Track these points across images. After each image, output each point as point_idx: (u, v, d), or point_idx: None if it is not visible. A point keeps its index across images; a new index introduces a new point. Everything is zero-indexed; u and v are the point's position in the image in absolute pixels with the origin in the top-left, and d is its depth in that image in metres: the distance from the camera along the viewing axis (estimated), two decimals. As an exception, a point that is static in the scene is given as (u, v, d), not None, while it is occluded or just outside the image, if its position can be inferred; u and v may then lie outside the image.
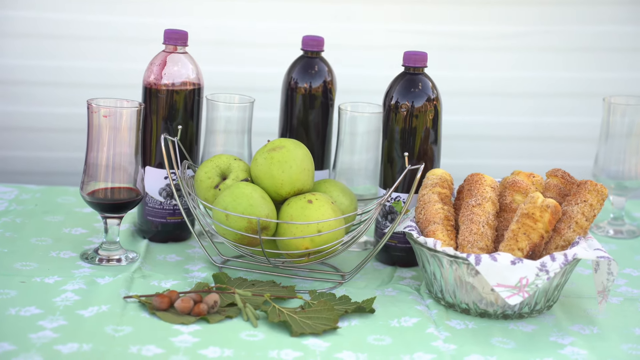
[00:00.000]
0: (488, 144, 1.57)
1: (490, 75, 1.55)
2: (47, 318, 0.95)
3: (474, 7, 1.52)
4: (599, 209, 1.11)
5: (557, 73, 1.56)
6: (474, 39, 1.53)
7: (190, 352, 0.91)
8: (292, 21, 1.48)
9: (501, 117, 1.57)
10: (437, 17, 1.53)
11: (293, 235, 1.07)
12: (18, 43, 1.50)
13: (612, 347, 1.00)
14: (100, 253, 1.14)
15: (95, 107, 1.10)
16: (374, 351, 0.95)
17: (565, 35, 1.55)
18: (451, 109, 1.50)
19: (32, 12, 1.49)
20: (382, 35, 1.50)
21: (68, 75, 1.50)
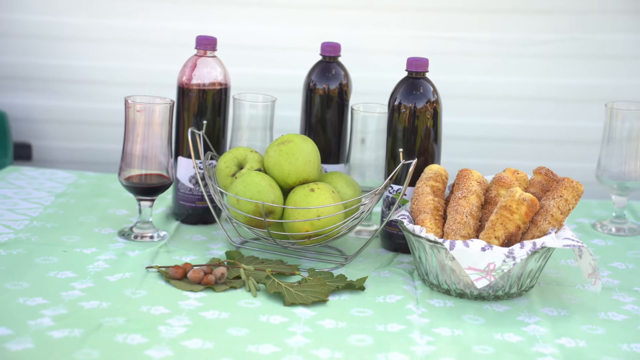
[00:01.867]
0: (496, 145, 1.67)
1: (499, 80, 1.65)
2: (78, 281, 1.13)
3: (480, 15, 1.63)
4: (574, 204, 1.21)
5: (562, 80, 1.65)
6: (482, 44, 1.64)
7: (192, 313, 1.07)
8: (312, 28, 1.63)
9: (508, 120, 1.67)
10: (445, 25, 1.65)
11: (295, 219, 1.22)
12: (80, 46, 1.70)
13: (572, 327, 1.10)
14: (135, 231, 1.31)
15: (131, 103, 1.27)
16: (353, 321, 1.08)
17: (568, 43, 1.64)
18: (463, 111, 1.62)
19: (94, 19, 1.69)
20: (395, 41, 1.63)
21: (117, 76, 1.70)
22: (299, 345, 1.00)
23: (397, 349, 1.01)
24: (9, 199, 1.43)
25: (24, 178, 1.55)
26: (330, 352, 0.98)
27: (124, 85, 1.68)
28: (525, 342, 1.05)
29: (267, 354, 0.97)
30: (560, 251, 1.33)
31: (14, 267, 1.16)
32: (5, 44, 1.74)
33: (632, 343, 1.05)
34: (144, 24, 1.69)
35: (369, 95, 1.47)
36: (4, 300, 1.05)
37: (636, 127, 1.43)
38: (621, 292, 1.22)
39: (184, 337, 0.99)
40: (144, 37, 1.70)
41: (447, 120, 1.66)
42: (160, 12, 1.67)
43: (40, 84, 1.77)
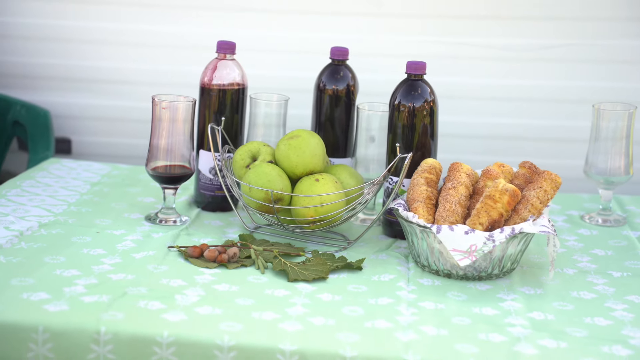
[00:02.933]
0: (493, 143, 1.80)
1: (497, 82, 1.77)
2: (107, 257, 1.28)
3: (477, 21, 1.76)
4: (553, 195, 1.33)
5: (556, 82, 1.77)
6: (482, 49, 1.77)
7: (205, 286, 1.21)
8: (323, 33, 1.77)
9: (505, 120, 1.79)
10: (447, 30, 1.78)
11: (301, 205, 1.36)
12: (115, 49, 1.86)
13: (544, 303, 1.22)
14: (159, 215, 1.46)
15: (157, 101, 1.42)
16: (348, 295, 1.22)
17: (560, 49, 1.76)
18: (466, 111, 1.74)
19: (128, 24, 1.85)
20: (400, 45, 1.76)
21: (146, 76, 1.85)
22: (297, 314, 1.14)
23: (383, 318, 1.14)
24: (50, 186, 1.60)
25: (63, 169, 1.71)
26: (324, 320, 1.12)
27: (152, 85, 1.83)
28: (500, 315, 1.18)
29: (269, 320, 1.11)
30: (544, 238, 1.45)
31: (53, 244, 1.32)
32: (49, 48, 1.91)
33: (595, 317, 1.17)
34: (171, 29, 1.84)
35: (374, 96, 1.60)
36: (44, 271, 1.21)
37: (620, 126, 1.55)
38: (596, 274, 1.34)
39: (196, 305, 1.14)
40: (171, 41, 1.85)
41: (452, 119, 1.79)
42: (185, 18, 1.83)
43: (80, 85, 1.93)
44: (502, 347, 1.08)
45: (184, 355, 1.05)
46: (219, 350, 1.05)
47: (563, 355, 1.06)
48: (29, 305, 1.10)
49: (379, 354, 1.04)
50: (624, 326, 1.15)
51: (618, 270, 1.36)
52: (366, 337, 1.08)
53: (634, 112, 1.54)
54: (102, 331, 1.05)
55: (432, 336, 1.09)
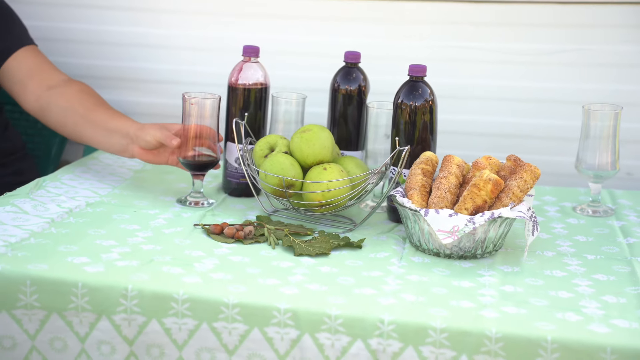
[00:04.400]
0: (491, 140, 1.95)
1: (502, 84, 1.93)
2: (141, 231, 1.49)
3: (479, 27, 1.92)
4: (532, 184, 1.48)
5: (552, 84, 1.92)
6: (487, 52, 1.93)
7: (221, 257, 1.40)
8: (338, 37, 1.95)
9: (503, 118, 1.95)
10: (454, 35, 1.94)
11: (310, 190, 1.54)
12: (157, 52, 2.08)
13: (517, 279, 1.38)
14: (189, 199, 1.66)
15: (187, 97, 1.62)
16: (344, 268, 1.40)
17: (560, 54, 1.91)
18: (474, 110, 1.91)
19: (169, 30, 2.06)
20: (409, 49, 1.93)
21: (181, 76, 2.06)
22: (296, 281, 1.32)
23: (370, 286, 1.32)
24: (99, 173, 1.81)
25: (112, 158, 1.93)
26: (318, 286, 1.31)
27: (189, 85, 2.02)
28: (475, 287, 1.34)
29: (270, 284, 1.30)
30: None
31: (96, 220, 1.53)
32: (98, 51, 2.13)
33: (560, 291, 1.33)
34: (202, 33, 2.04)
35: (385, 95, 1.77)
36: (86, 241, 1.42)
37: (607, 125, 1.69)
38: (572, 257, 1.49)
39: (211, 271, 1.34)
40: (203, 44, 2.05)
41: (463, 118, 1.96)
42: (215, 23, 2.03)
43: (128, 84, 2.15)
44: (469, 312, 1.24)
45: (196, 311, 1.24)
46: (225, 306, 1.24)
47: (520, 319, 1.22)
48: (72, 266, 1.31)
49: (360, 314, 1.22)
50: (583, 298, 1.30)
51: (593, 253, 1.50)
52: (351, 301, 1.26)
53: (620, 113, 1.69)
54: (130, 288, 1.26)
55: (409, 302, 1.27)
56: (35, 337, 1.28)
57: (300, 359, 1.23)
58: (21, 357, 1.29)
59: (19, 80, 1.85)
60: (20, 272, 1.28)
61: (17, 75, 1.85)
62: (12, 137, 1.96)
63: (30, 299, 1.27)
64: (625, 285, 1.36)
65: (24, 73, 1.85)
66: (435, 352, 1.20)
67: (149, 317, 1.25)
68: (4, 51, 1.86)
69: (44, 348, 1.28)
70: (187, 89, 1.89)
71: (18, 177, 1.90)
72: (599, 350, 1.16)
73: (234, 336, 1.24)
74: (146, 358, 1.26)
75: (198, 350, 1.25)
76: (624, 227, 1.64)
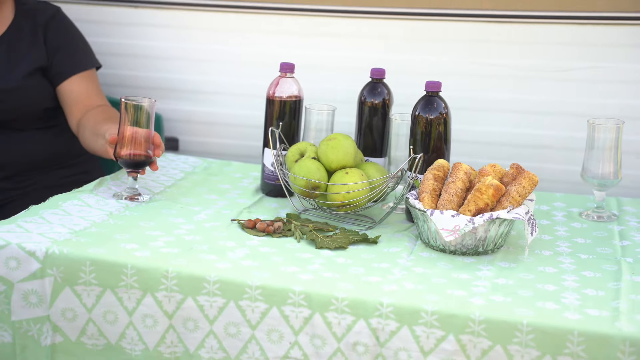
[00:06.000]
0: (503, 149, 2.12)
1: (509, 96, 2.11)
2: (185, 225, 1.71)
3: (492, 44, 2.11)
4: (530, 190, 1.65)
5: (560, 98, 2.10)
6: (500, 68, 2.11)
7: (252, 247, 1.61)
8: (367, 53, 2.16)
9: (515, 129, 2.12)
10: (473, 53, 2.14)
11: (333, 191, 1.74)
12: (208, 66, 2.32)
13: (511, 273, 1.55)
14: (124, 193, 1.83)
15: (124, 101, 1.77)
16: (358, 260, 1.59)
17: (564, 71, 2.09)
18: (483, 121, 2.10)
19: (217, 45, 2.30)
20: (430, 65, 2.12)
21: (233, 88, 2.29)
22: (313, 269, 1.52)
23: (378, 275, 1.51)
24: (153, 173, 2.04)
25: (166, 161, 2.16)
26: (332, 274, 1.50)
27: (236, 96, 2.26)
28: (471, 279, 1.52)
29: (291, 271, 1.51)
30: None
31: (147, 214, 1.76)
32: (160, 65, 2.38)
33: (547, 284, 1.49)
34: (245, 49, 2.28)
35: (407, 107, 1.96)
36: (138, 231, 1.65)
37: (610, 138, 1.84)
38: (567, 256, 1.65)
39: (241, 259, 1.55)
40: (247, 59, 2.29)
41: (480, 129, 2.14)
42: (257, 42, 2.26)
43: (185, 94, 2.39)
44: (460, 299, 1.42)
45: (225, 291, 1.46)
46: (249, 288, 1.45)
47: (503, 306, 1.40)
48: (124, 251, 1.54)
49: (363, 297, 1.42)
50: (566, 291, 1.47)
51: (587, 253, 1.66)
52: (358, 286, 1.45)
53: (622, 126, 1.84)
54: (170, 270, 1.48)
55: (409, 289, 1.46)
56: (92, 310, 1.51)
57: (312, 334, 1.43)
58: (80, 327, 1.53)
59: (67, 103, 2.12)
60: (81, 255, 1.52)
61: (67, 99, 2.13)
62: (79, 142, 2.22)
63: (89, 277, 1.51)
64: (608, 281, 1.52)
65: (72, 98, 2.12)
66: (427, 332, 1.38)
67: (186, 295, 1.47)
68: (60, 75, 2.13)
69: (98, 320, 1.52)
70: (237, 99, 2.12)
71: (85, 176, 2.16)
72: (568, 333, 1.33)
73: (256, 313, 1.45)
74: (183, 330, 1.48)
75: (226, 324, 1.46)
76: (623, 231, 1.79)
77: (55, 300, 1.51)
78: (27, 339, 1.53)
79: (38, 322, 1.52)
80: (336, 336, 1.42)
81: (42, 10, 2.15)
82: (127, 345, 1.51)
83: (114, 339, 1.51)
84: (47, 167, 2.13)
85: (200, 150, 2.43)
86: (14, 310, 1.52)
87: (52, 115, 2.15)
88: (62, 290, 1.51)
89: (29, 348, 1.53)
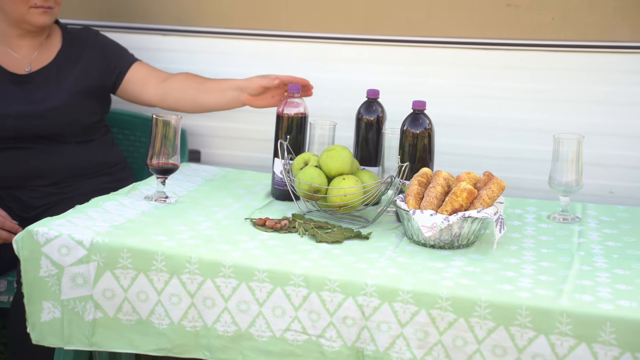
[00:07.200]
0: (481, 160, 2.41)
1: (488, 114, 2.42)
2: (205, 222, 2.01)
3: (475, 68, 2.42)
4: (498, 194, 1.93)
5: (530, 115, 2.40)
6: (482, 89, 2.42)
7: (261, 241, 1.91)
8: (362, 76, 2.48)
9: (493, 143, 2.41)
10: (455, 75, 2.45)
11: (331, 195, 2.04)
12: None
13: (480, 263, 1.83)
14: (154, 196, 2.14)
15: (155, 117, 2.12)
16: (351, 251, 1.88)
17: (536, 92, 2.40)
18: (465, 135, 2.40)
19: (226, 68, 2.61)
20: (419, 86, 2.42)
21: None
22: (312, 257, 1.82)
23: (365, 263, 1.80)
24: (179, 180, 2.35)
25: (190, 170, 2.47)
26: (327, 261, 1.80)
27: (251, 112, 2.56)
28: (445, 267, 1.80)
29: (293, 259, 1.80)
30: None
31: (174, 213, 2.06)
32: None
33: (508, 271, 1.77)
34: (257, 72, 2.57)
35: (398, 122, 2.25)
36: (166, 226, 1.95)
37: (572, 150, 2.12)
38: (530, 250, 1.92)
39: (252, 249, 1.85)
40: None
41: (469, 143, 2.43)
42: (267, 65, 2.58)
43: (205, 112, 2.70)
44: (432, 281, 1.71)
45: (237, 274, 1.76)
46: (258, 271, 1.75)
47: (467, 287, 1.68)
48: (155, 242, 1.85)
49: (350, 279, 1.71)
50: (523, 277, 1.75)
51: (548, 248, 1.94)
52: (347, 271, 1.75)
53: (582, 140, 2.12)
54: (192, 257, 1.79)
55: (390, 274, 1.75)
56: (127, 290, 1.82)
57: (309, 310, 1.72)
58: (117, 305, 1.83)
59: (140, 82, 2.52)
60: (120, 244, 1.83)
61: (137, 80, 2.53)
62: (116, 152, 2.54)
63: (126, 262, 1.81)
64: (560, 270, 1.80)
65: (141, 77, 2.53)
66: (403, 307, 1.67)
67: (205, 277, 1.77)
68: (125, 65, 2.53)
69: (132, 299, 1.82)
70: (254, 116, 2.44)
71: (120, 183, 2.47)
72: (518, 308, 1.61)
73: (263, 293, 1.74)
74: (202, 307, 1.78)
75: (238, 302, 1.76)
76: (582, 231, 2.07)
77: (98, 282, 1.82)
78: (73, 314, 1.84)
79: (83, 301, 1.83)
80: (329, 311, 1.71)
81: (85, 34, 2.51)
82: (156, 320, 1.81)
83: (145, 315, 1.82)
84: (87, 175, 2.45)
85: (219, 161, 2.74)
86: (63, 290, 1.83)
87: (90, 131, 2.47)
88: (103, 273, 1.82)
89: (74, 322, 1.84)
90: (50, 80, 2.41)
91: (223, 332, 1.78)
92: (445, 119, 2.28)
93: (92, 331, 1.84)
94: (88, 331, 1.84)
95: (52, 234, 1.84)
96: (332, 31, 2.54)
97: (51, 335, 1.84)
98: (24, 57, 2.43)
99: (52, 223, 1.88)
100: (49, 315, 1.84)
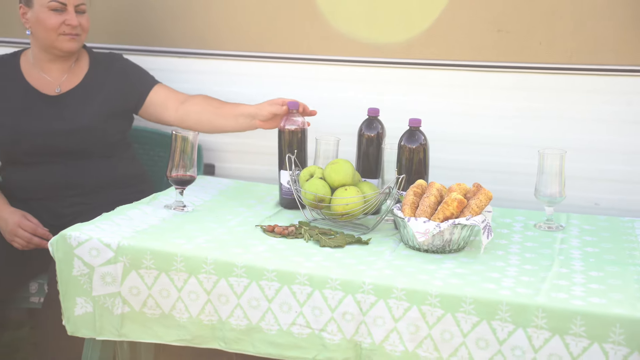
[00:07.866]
0: (472, 173, 2.61)
1: (480, 131, 2.62)
2: (219, 229, 2.21)
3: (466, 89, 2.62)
4: (486, 203, 2.13)
5: (517, 132, 2.60)
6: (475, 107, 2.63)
7: (270, 245, 2.11)
8: (365, 95, 2.69)
9: (484, 157, 2.61)
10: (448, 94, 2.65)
11: (335, 204, 2.23)
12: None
13: (468, 265, 2.02)
14: (174, 205, 2.34)
15: (175, 133, 2.33)
16: (352, 255, 2.07)
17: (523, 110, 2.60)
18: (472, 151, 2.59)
19: (240, 88, 2.82)
20: (416, 104, 2.63)
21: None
22: (316, 260, 2.02)
23: (364, 264, 1.99)
24: (195, 191, 2.56)
25: (205, 182, 2.68)
26: (329, 263, 1.99)
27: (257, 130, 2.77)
28: (435, 269, 1.99)
29: (297, 260, 2.00)
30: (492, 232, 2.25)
31: (191, 220, 2.27)
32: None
33: (493, 273, 1.96)
34: (266, 92, 2.78)
35: (397, 138, 2.45)
36: (184, 231, 2.16)
37: (555, 164, 2.31)
38: (515, 255, 2.11)
39: (261, 252, 2.05)
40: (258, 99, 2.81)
41: (466, 158, 2.63)
42: (277, 86, 2.79)
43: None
44: (423, 280, 1.90)
45: (249, 274, 1.96)
46: (267, 272, 1.95)
47: (454, 286, 1.87)
48: (174, 244, 2.05)
49: (349, 278, 1.91)
50: (506, 277, 1.94)
51: (531, 253, 2.13)
52: (347, 271, 1.95)
53: (564, 155, 2.31)
54: (208, 259, 1.99)
55: (386, 274, 1.94)
56: (151, 288, 2.02)
57: (313, 306, 1.92)
58: (142, 301, 2.03)
59: (160, 103, 2.72)
60: (143, 247, 2.03)
61: (158, 102, 2.72)
62: (137, 165, 2.75)
63: (149, 263, 2.02)
64: (540, 272, 1.99)
65: (161, 99, 2.72)
66: (397, 304, 1.86)
67: (220, 276, 1.97)
68: (146, 89, 2.73)
69: (156, 295, 2.02)
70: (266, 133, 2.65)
71: (141, 194, 2.67)
72: (499, 304, 1.80)
73: (272, 290, 1.94)
74: (217, 303, 1.98)
75: (249, 299, 1.96)
76: (564, 238, 2.26)
77: (125, 280, 2.02)
78: (104, 309, 2.04)
79: (112, 297, 2.04)
80: (330, 308, 1.91)
81: (110, 58, 2.72)
82: (177, 314, 2.01)
83: (167, 309, 2.02)
84: (111, 187, 2.66)
85: (231, 174, 2.94)
86: (94, 287, 2.04)
87: (114, 147, 2.68)
88: (129, 273, 2.02)
89: (104, 316, 2.05)
90: (78, 100, 2.63)
91: (236, 325, 1.98)
92: (440, 135, 2.48)
93: (120, 323, 2.05)
94: (117, 323, 2.05)
95: (83, 238, 2.05)
96: (338, 54, 2.75)
97: (84, 327, 2.05)
98: (55, 80, 2.65)
99: (83, 228, 2.09)
100: (82, 310, 2.04)
